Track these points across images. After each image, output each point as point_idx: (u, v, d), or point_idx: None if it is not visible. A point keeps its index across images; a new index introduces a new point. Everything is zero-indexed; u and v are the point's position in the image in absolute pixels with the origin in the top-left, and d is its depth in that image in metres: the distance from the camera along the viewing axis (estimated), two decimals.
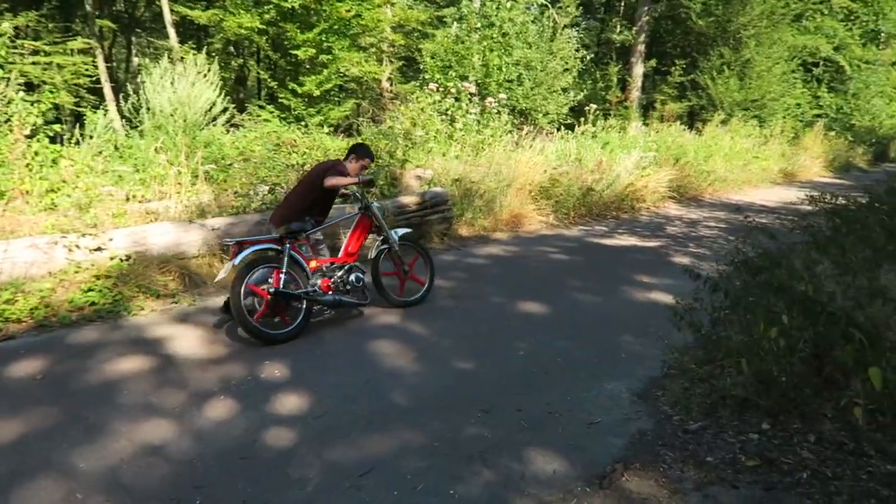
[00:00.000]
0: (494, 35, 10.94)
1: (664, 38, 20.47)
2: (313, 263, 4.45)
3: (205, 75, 7.64)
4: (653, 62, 16.84)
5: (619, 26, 19.94)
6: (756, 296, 3.19)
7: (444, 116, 9.85)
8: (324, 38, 11.84)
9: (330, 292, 4.40)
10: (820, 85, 20.43)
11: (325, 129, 9.88)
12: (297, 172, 7.09)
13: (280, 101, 12.48)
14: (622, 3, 21.86)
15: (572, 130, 11.44)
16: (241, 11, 12.12)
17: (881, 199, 6.52)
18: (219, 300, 4.62)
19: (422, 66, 10.97)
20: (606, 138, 11.65)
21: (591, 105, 11.47)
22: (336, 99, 13.23)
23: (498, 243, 7.61)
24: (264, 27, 12.27)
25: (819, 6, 20.07)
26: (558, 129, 11.92)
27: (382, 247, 4.84)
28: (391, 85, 14.69)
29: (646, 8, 18.47)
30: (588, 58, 12.65)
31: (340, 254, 4.72)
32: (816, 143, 16.88)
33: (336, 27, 12.04)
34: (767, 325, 2.85)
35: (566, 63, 11.94)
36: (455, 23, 11.09)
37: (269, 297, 3.97)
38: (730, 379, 3.10)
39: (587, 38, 18.60)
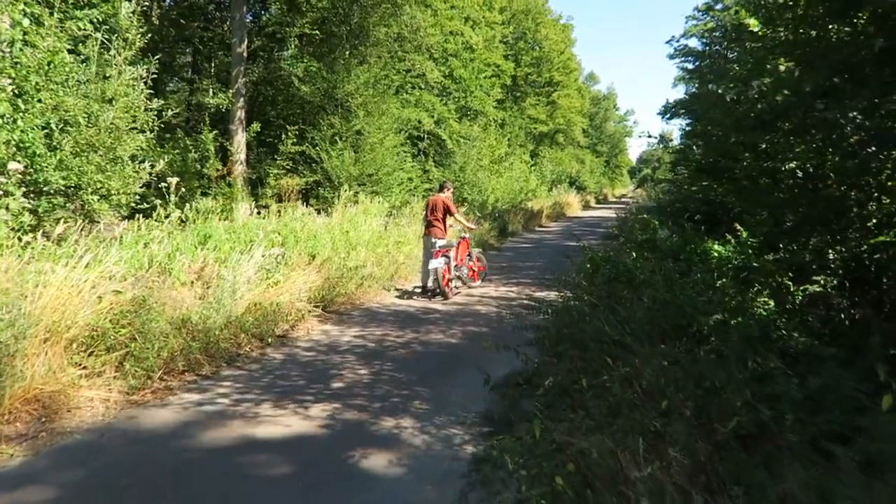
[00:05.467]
0: None
1: (267, 104, 17.69)
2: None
3: None
4: (256, 127, 13.56)
5: (211, 89, 16.23)
6: None
7: None
8: None
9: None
10: (427, 159, 20.32)
11: None
12: None
13: None
14: (212, 64, 18.37)
15: (151, 217, 7.25)
16: None
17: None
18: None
19: None
20: (207, 229, 7.73)
21: (173, 178, 7.39)
22: None
23: None
24: None
25: (416, 80, 20.14)
26: (128, 218, 7.52)
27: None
28: None
29: (241, 68, 15.32)
30: (170, 111, 8.45)
31: (457, 259, 9.87)
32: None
33: None
34: None
35: (134, 117, 7.62)
36: None
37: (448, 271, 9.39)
38: None
39: (172, 100, 14.24)
